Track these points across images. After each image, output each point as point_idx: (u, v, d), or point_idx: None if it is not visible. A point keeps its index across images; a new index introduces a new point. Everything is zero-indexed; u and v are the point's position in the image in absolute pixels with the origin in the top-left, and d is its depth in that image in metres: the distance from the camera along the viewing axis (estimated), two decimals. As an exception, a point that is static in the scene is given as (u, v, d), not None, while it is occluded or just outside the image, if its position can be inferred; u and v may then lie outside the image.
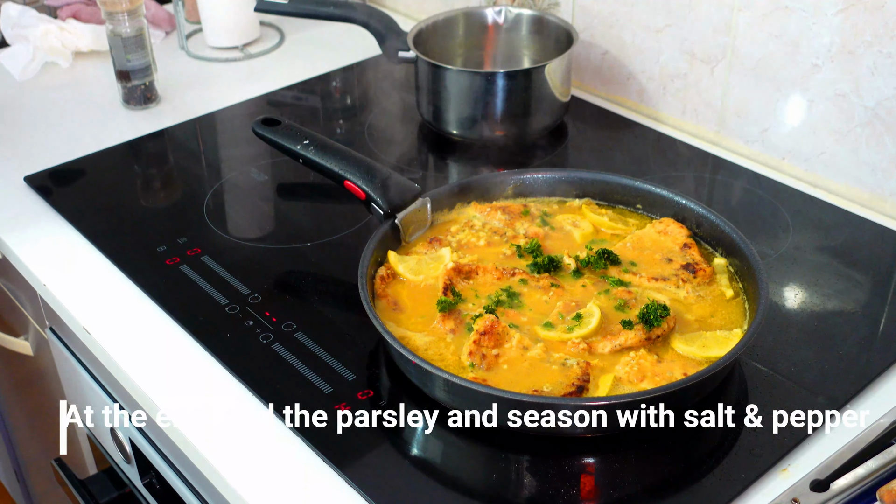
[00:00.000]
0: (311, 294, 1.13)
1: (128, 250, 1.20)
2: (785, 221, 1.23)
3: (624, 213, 1.17)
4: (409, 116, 1.53)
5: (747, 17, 1.32)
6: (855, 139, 1.26)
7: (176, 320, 1.08)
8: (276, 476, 0.90)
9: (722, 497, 0.85)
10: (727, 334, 0.97)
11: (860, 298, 1.11)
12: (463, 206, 1.17)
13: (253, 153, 1.41)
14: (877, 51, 1.19)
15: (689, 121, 1.46)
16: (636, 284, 1.05)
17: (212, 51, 1.76)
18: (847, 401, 0.96)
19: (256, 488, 0.89)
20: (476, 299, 1.03)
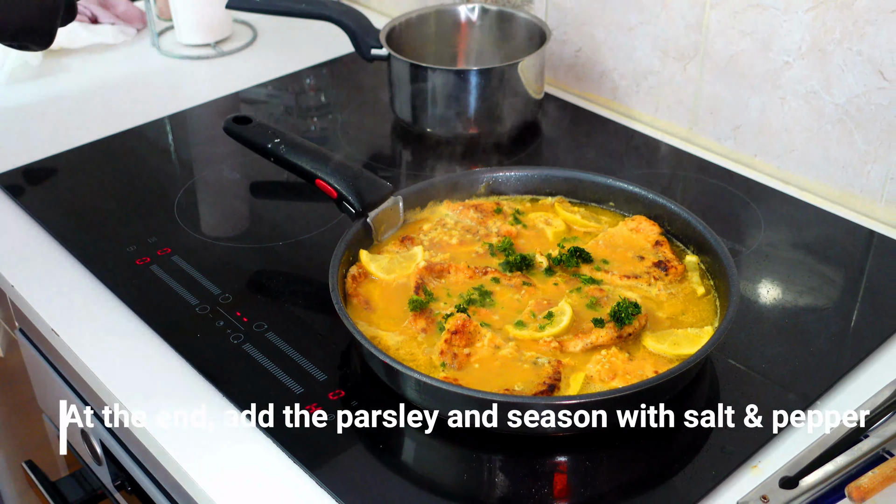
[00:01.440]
0: (283, 294, 1.12)
1: (97, 250, 1.19)
2: (757, 218, 1.23)
3: (596, 210, 1.17)
4: (383, 114, 1.52)
5: (719, 14, 1.32)
6: (826, 136, 1.27)
7: (145, 321, 1.07)
8: (245, 477, 0.89)
9: (693, 495, 0.85)
10: (698, 332, 0.97)
11: (832, 294, 1.12)
12: (435, 205, 1.17)
13: (225, 152, 1.40)
14: (846, 48, 1.20)
15: (661, 118, 1.47)
16: (608, 282, 1.05)
17: (184, 48, 1.75)
18: (818, 397, 0.96)
19: (226, 489, 0.88)
20: (448, 298, 1.02)
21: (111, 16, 1.79)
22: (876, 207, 1.25)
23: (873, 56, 1.18)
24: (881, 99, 1.19)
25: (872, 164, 1.23)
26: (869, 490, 0.78)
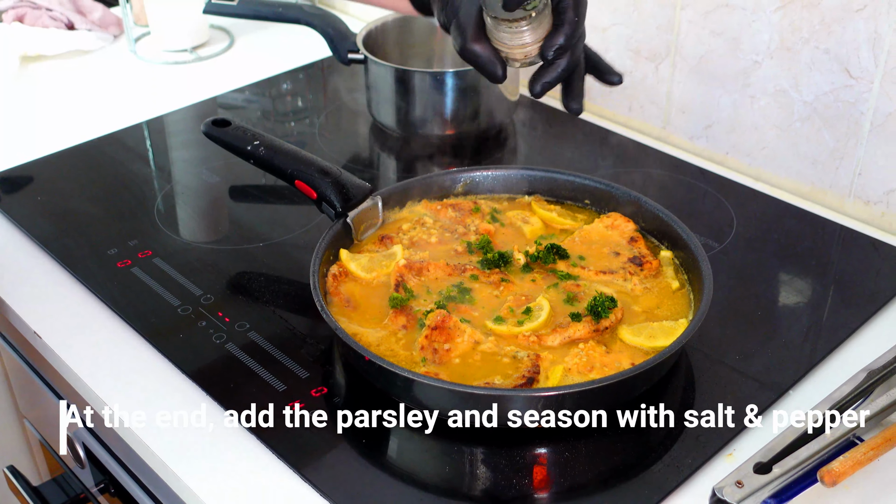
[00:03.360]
0: (264, 294, 1.13)
1: (78, 254, 1.19)
2: (729, 214, 1.26)
3: (572, 208, 1.19)
4: (360, 117, 1.53)
5: (690, 15, 1.34)
6: (795, 133, 1.29)
7: (128, 322, 1.08)
8: (230, 475, 0.90)
9: (669, 483, 0.87)
10: (673, 324, 0.99)
11: (803, 288, 1.14)
12: (414, 204, 1.18)
13: (204, 155, 1.41)
14: (814, 46, 1.23)
15: (635, 117, 1.49)
16: (584, 278, 1.06)
17: (161, 54, 1.75)
18: (790, 387, 0.98)
19: (211, 488, 0.89)
20: (428, 295, 1.04)
21: (88, 22, 1.80)
22: (845, 203, 1.28)
23: (840, 54, 1.21)
24: (848, 96, 1.22)
25: (841, 160, 1.26)
26: (840, 474, 0.80)
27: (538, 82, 0.94)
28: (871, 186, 1.25)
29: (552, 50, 0.91)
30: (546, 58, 0.92)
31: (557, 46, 0.91)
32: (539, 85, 0.93)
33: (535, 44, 0.91)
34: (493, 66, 0.92)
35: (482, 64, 0.93)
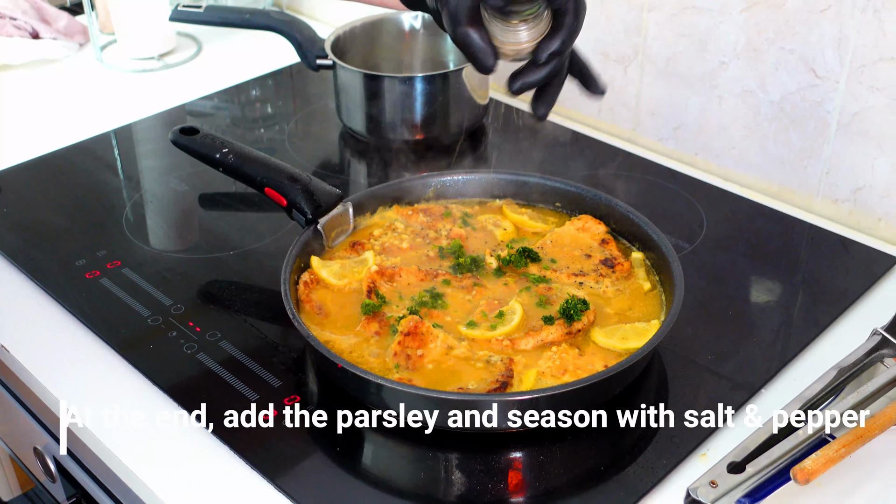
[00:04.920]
0: (235, 303, 1.12)
1: (45, 265, 1.18)
2: (699, 215, 1.26)
3: (544, 211, 1.19)
4: (329, 123, 1.53)
5: (657, 17, 1.35)
6: (763, 134, 1.30)
7: (97, 334, 1.07)
8: (204, 485, 0.89)
9: (644, 484, 0.87)
10: (646, 326, 0.99)
11: (773, 287, 1.15)
12: (385, 210, 1.18)
13: (172, 164, 1.40)
14: (779, 47, 1.24)
15: (605, 120, 1.49)
16: (556, 281, 1.07)
17: (128, 62, 1.74)
18: (763, 385, 0.99)
19: (184, 499, 0.88)
20: (400, 301, 1.03)
21: (53, 31, 1.78)
22: (813, 202, 1.29)
23: (805, 54, 1.22)
24: (814, 96, 1.23)
25: (808, 159, 1.27)
26: (813, 472, 0.81)
27: (519, 80, 0.89)
28: (838, 185, 1.26)
29: (546, 54, 0.87)
30: (538, 61, 0.88)
31: (552, 51, 0.87)
32: (519, 83, 0.89)
33: (529, 43, 0.87)
34: (485, 54, 0.85)
35: (474, 51, 0.85)
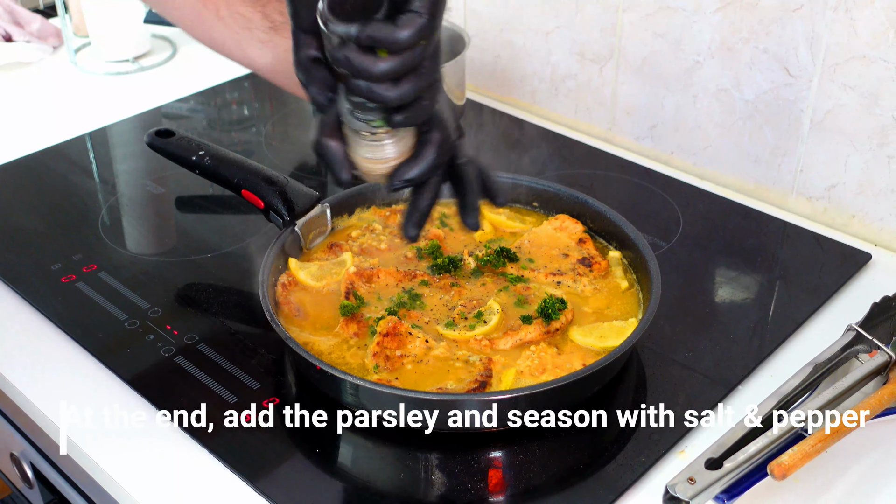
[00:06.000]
0: (213, 305, 1.12)
1: (20, 270, 1.17)
2: (675, 213, 1.27)
3: (521, 211, 1.20)
4: (306, 125, 1.52)
5: (631, 17, 1.36)
6: (738, 132, 1.31)
7: (74, 339, 1.06)
8: (183, 489, 0.89)
9: (623, 482, 0.88)
10: (623, 324, 1.00)
11: (749, 284, 1.16)
12: (363, 211, 1.18)
13: (149, 167, 1.39)
14: (753, 46, 1.25)
15: (581, 119, 1.50)
16: (534, 280, 1.07)
17: (102, 64, 1.73)
18: (740, 382, 1.00)
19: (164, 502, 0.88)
20: (378, 302, 1.03)
21: (26, 33, 1.76)
22: (788, 199, 1.30)
23: (779, 53, 1.23)
24: (788, 94, 1.24)
25: (783, 157, 1.28)
26: (790, 467, 0.81)
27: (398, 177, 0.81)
28: (812, 183, 1.27)
29: (400, 181, 0.81)
30: (390, 188, 0.81)
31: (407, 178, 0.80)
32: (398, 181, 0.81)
33: (396, 159, 0.81)
34: (340, 167, 0.79)
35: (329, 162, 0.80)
